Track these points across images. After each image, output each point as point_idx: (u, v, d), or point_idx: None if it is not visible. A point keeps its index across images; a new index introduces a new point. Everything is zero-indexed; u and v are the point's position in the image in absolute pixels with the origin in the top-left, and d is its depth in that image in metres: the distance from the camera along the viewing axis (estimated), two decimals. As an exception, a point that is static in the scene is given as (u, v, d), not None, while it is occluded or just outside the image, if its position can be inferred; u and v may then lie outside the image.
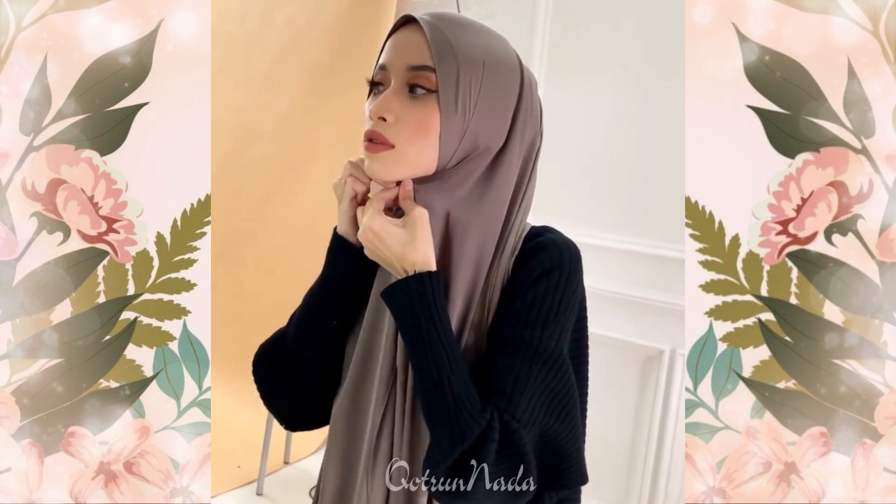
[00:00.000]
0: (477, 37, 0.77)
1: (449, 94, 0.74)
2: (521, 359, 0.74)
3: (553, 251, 0.78)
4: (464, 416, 0.71)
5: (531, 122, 0.80)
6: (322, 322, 0.85)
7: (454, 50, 0.74)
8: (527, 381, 0.74)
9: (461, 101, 0.74)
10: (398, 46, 0.76)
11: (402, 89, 0.75)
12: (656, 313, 2.16)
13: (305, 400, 0.88)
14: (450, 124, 0.74)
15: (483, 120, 0.76)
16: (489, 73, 0.76)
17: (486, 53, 0.76)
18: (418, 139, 0.74)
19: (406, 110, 0.74)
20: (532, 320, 0.75)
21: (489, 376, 0.75)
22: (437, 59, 0.73)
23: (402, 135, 0.74)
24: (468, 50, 0.75)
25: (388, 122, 0.74)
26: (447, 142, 0.75)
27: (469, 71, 0.74)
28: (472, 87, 0.75)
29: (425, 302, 0.73)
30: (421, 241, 0.74)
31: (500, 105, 0.77)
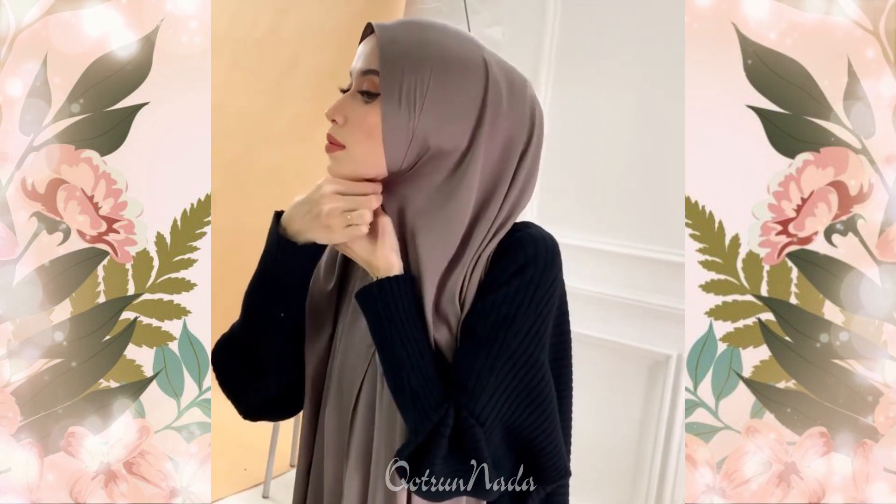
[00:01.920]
0: (431, 39, 0.77)
1: (392, 97, 0.75)
2: (484, 355, 0.76)
3: (528, 246, 0.79)
4: (419, 410, 0.75)
5: (505, 123, 0.79)
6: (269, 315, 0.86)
7: (400, 53, 0.75)
8: (489, 377, 0.76)
9: (405, 102, 0.75)
10: (359, 53, 0.80)
11: (355, 93, 0.79)
12: (663, 318, 2.15)
13: (261, 390, 0.90)
14: (392, 125, 0.76)
15: (433, 121, 0.76)
16: (438, 74, 0.76)
17: (437, 55, 0.76)
18: (365, 140, 0.77)
19: (355, 113, 0.78)
20: (501, 317, 0.77)
21: (454, 371, 0.77)
22: (381, 63, 0.75)
23: (350, 136, 0.78)
24: (416, 52, 0.76)
25: (339, 125, 0.79)
26: (391, 143, 0.77)
27: (414, 72, 0.75)
28: (418, 89, 0.75)
29: (385, 304, 0.77)
30: (383, 247, 0.78)
31: (455, 106, 0.77)
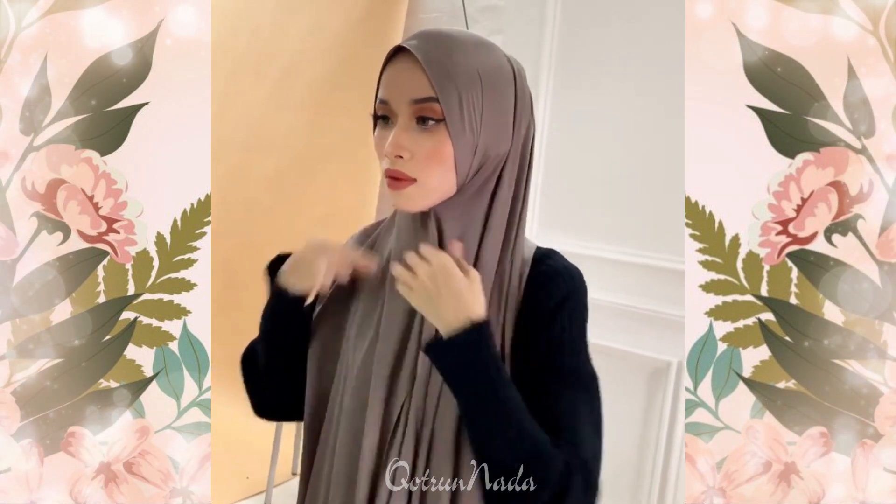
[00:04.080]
0: (468, 53, 0.77)
1: (456, 120, 0.75)
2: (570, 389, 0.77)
3: (567, 277, 0.80)
4: (544, 459, 0.72)
5: (525, 112, 0.81)
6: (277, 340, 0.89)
7: (451, 75, 0.75)
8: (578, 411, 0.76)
9: (468, 122, 0.75)
10: (396, 80, 0.77)
11: (409, 123, 0.76)
12: (664, 325, 2.15)
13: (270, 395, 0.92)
14: (462, 147, 0.76)
15: (490, 132, 0.78)
16: (487, 87, 0.77)
17: (480, 68, 0.77)
18: (436, 168, 0.76)
19: (418, 144, 0.75)
20: (568, 349, 0.78)
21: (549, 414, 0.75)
22: (439, 89, 0.74)
23: (420, 168, 0.76)
24: (464, 70, 0.75)
25: (404, 159, 0.76)
26: (462, 163, 0.77)
27: (469, 92, 0.75)
28: (475, 107, 0.76)
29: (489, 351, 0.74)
30: (479, 289, 0.76)
31: (502, 112, 0.78)
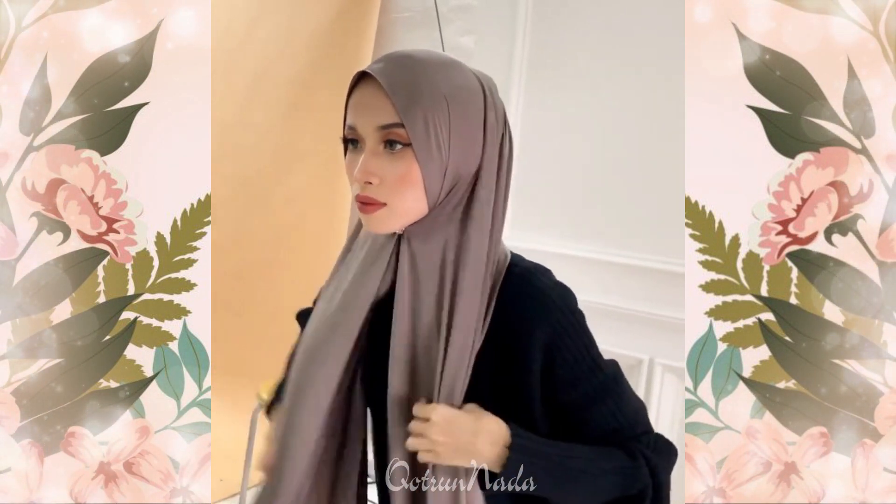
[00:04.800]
0: (433, 75, 0.76)
1: (422, 144, 0.75)
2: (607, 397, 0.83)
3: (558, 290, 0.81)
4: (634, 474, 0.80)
5: (497, 127, 0.80)
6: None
7: (416, 99, 0.74)
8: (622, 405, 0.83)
9: (435, 145, 0.75)
10: (362, 106, 0.77)
11: (377, 148, 0.76)
12: (634, 323, 2.16)
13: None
14: (430, 170, 0.76)
15: (459, 152, 0.77)
16: (454, 108, 0.76)
17: (446, 90, 0.76)
18: (406, 192, 0.76)
19: (387, 169, 0.76)
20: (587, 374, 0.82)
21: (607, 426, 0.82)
22: (404, 114, 0.74)
23: (390, 192, 0.76)
24: (429, 93, 0.75)
25: (374, 185, 0.77)
26: (432, 185, 0.77)
27: (435, 114, 0.75)
28: (442, 129, 0.75)
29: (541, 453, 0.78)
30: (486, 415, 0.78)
31: (471, 130, 0.78)
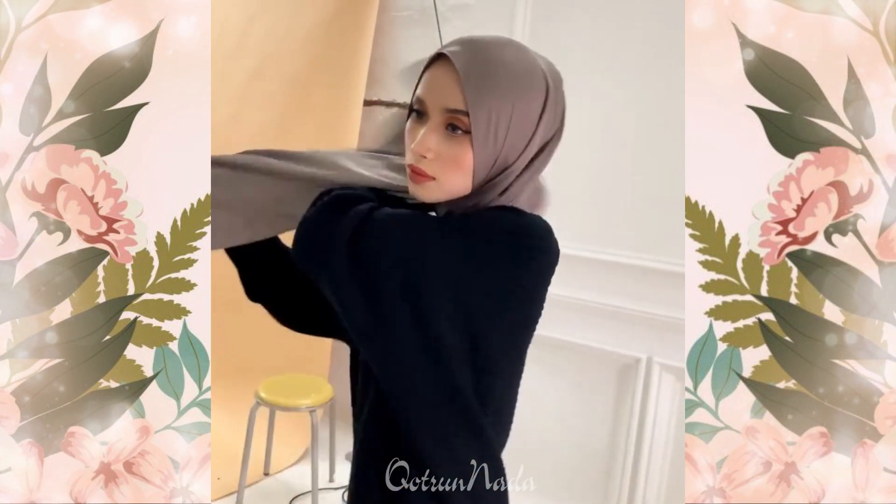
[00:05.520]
0: (507, 72, 0.80)
1: (481, 136, 0.81)
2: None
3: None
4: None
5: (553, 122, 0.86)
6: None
7: (485, 93, 0.79)
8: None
9: (492, 138, 0.81)
10: (434, 85, 0.83)
11: (438, 128, 0.82)
12: (633, 322, 2.17)
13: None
14: (482, 158, 0.82)
15: (511, 144, 0.83)
16: (518, 108, 0.81)
17: (515, 90, 0.80)
18: (456, 173, 0.82)
19: (443, 148, 0.82)
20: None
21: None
22: (471, 105, 0.79)
23: (440, 169, 0.83)
24: (499, 91, 0.80)
25: (428, 159, 0.82)
26: (480, 171, 0.83)
27: (500, 112, 0.80)
28: (501, 126, 0.81)
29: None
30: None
31: (527, 128, 0.83)
